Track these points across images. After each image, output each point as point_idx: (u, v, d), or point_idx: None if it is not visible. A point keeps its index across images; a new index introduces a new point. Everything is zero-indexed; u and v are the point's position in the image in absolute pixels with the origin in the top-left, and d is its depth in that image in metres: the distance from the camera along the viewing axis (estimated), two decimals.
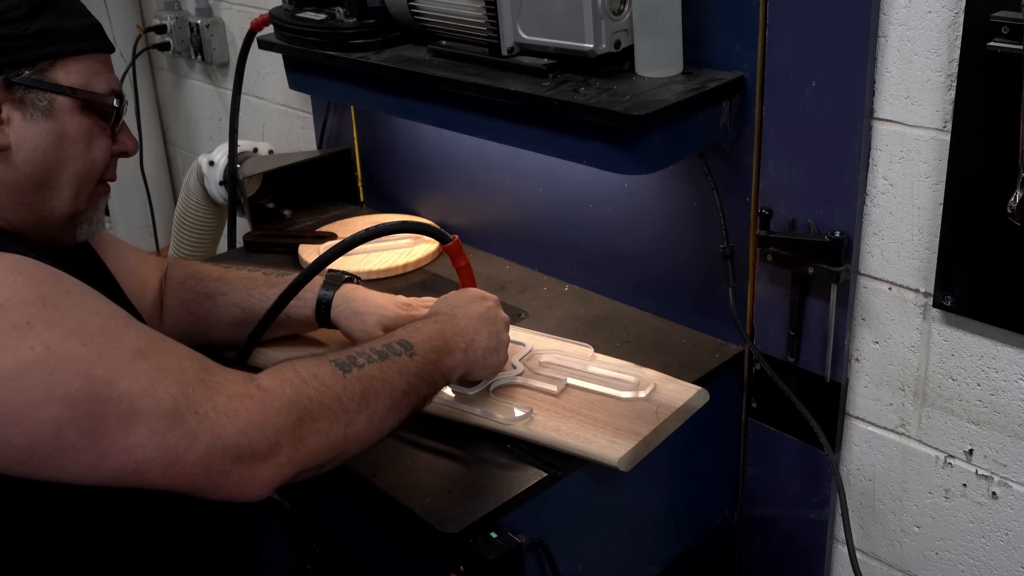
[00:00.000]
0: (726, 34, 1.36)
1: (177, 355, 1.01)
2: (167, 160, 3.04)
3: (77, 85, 1.11)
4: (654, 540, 1.48)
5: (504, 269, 1.82)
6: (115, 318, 1.00)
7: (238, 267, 1.49)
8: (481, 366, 1.27)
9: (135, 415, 0.94)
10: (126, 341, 0.97)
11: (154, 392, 0.95)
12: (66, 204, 1.14)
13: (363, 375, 1.09)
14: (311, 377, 1.05)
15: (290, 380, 1.04)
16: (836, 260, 1.33)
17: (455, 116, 1.50)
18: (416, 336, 1.19)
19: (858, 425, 1.44)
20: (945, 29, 1.18)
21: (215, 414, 0.97)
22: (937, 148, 1.23)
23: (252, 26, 1.87)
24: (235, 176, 2.07)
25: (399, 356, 1.14)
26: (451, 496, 1.21)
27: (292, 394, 1.02)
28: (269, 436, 0.99)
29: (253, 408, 0.99)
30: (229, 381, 1.01)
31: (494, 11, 1.37)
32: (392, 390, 1.11)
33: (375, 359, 1.12)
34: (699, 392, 1.37)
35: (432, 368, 1.18)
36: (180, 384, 0.97)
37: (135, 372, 0.95)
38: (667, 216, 1.55)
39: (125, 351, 0.96)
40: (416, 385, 1.15)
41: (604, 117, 1.26)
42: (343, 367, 1.09)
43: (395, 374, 1.12)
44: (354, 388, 1.08)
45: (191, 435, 0.95)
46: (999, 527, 1.34)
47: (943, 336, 1.31)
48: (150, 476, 0.95)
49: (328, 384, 1.06)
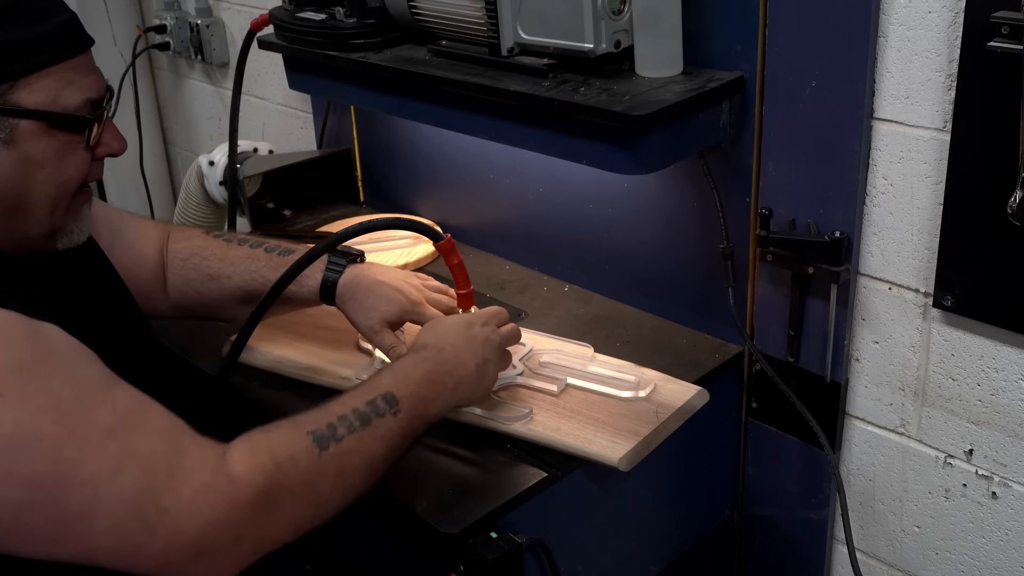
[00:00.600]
0: (726, 34, 1.36)
1: (150, 432, 0.96)
2: (167, 160, 3.04)
3: (42, 105, 1.02)
4: (654, 540, 1.48)
5: (504, 269, 1.82)
6: (93, 388, 0.95)
7: (239, 241, 1.45)
8: (468, 400, 1.23)
9: (96, 503, 0.90)
10: (99, 417, 0.93)
11: (118, 479, 0.91)
12: (42, 225, 1.08)
13: (341, 452, 1.04)
14: (286, 460, 1.00)
15: (263, 466, 0.99)
16: (836, 260, 1.33)
17: (455, 116, 1.50)
18: (404, 388, 1.14)
19: (858, 425, 1.44)
20: (945, 29, 1.18)
21: (177, 510, 0.93)
22: (937, 148, 1.23)
23: (252, 26, 1.87)
24: (235, 176, 2.07)
25: (383, 417, 1.09)
26: (451, 496, 1.21)
27: (263, 483, 0.98)
28: (232, 531, 0.95)
29: (219, 503, 0.95)
30: (200, 467, 0.96)
31: (494, 11, 1.37)
32: (372, 459, 1.07)
33: (357, 427, 1.07)
34: (699, 392, 1.37)
35: (417, 422, 1.14)
36: (146, 473, 0.93)
37: (102, 455, 0.91)
38: (667, 216, 1.55)
39: (96, 430, 0.92)
40: (398, 445, 1.11)
41: (604, 117, 1.26)
42: (321, 443, 1.03)
43: (376, 441, 1.08)
44: (329, 469, 1.03)
45: (150, 530, 0.92)
46: (999, 527, 1.34)
47: (943, 336, 1.31)
48: (105, 562, 0.93)
49: (303, 469, 1.01)
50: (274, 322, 1.56)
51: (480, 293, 1.66)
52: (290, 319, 1.57)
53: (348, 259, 1.39)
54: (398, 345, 1.35)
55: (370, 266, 1.41)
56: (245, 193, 2.06)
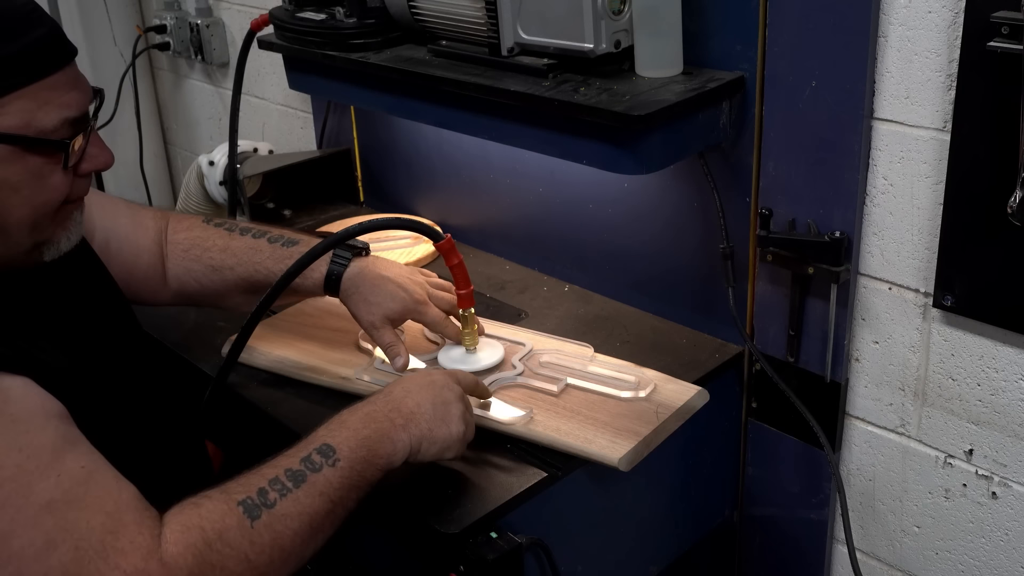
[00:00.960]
0: (726, 34, 1.36)
1: (90, 508, 0.92)
2: (167, 160, 3.04)
3: (14, 129, 0.97)
4: (654, 540, 1.48)
5: (504, 269, 1.82)
6: (39, 455, 0.92)
7: (241, 231, 1.43)
8: (429, 440, 1.14)
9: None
10: (39, 489, 0.90)
11: (47, 557, 0.88)
12: (24, 244, 1.05)
13: (273, 518, 1.00)
14: (216, 538, 0.96)
15: (194, 545, 0.95)
16: (836, 260, 1.33)
17: (455, 116, 1.50)
18: (339, 434, 1.09)
19: (858, 425, 1.44)
20: (945, 29, 1.18)
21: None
22: (937, 148, 1.23)
23: (252, 26, 1.87)
24: (235, 176, 2.07)
25: (319, 472, 1.04)
26: (451, 496, 1.21)
27: (194, 564, 0.94)
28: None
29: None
30: (134, 551, 0.92)
31: (494, 11, 1.37)
32: (312, 519, 1.02)
33: (289, 488, 1.02)
34: (699, 392, 1.37)
35: (363, 467, 1.08)
36: (78, 552, 0.90)
37: (33, 531, 0.88)
38: (667, 216, 1.55)
39: (33, 503, 0.89)
40: (343, 497, 1.06)
41: (604, 117, 1.26)
42: (251, 512, 0.99)
43: (315, 498, 1.03)
44: (263, 539, 0.99)
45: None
46: (999, 527, 1.34)
47: (943, 336, 1.31)
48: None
49: (234, 544, 0.97)
50: (274, 322, 1.56)
51: (480, 293, 1.67)
52: (290, 319, 1.57)
53: (354, 252, 1.38)
54: (397, 343, 1.35)
55: (375, 260, 1.40)
56: (245, 193, 2.06)
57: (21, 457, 0.90)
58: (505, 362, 1.42)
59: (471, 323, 1.39)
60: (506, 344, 1.46)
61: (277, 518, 1.00)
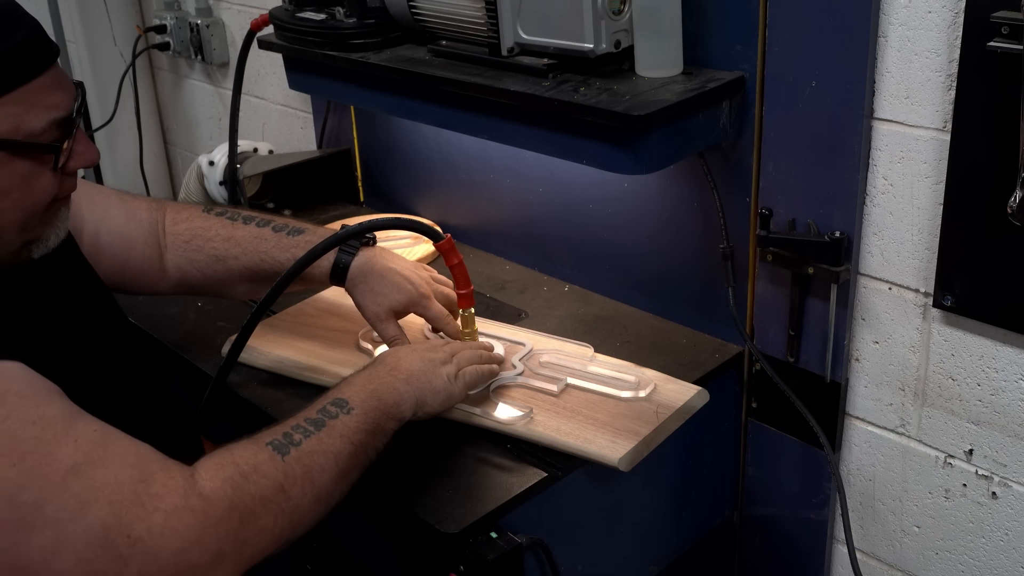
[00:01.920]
0: (726, 34, 1.36)
1: (116, 464, 0.94)
2: (167, 160, 3.04)
3: (4, 135, 0.97)
4: (654, 540, 1.48)
5: (504, 269, 1.82)
6: (53, 425, 0.93)
7: (244, 219, 1.43)
8: (432, 391, 1.22)
9: (60, 543, 0.88)
10: (61, 456, 0.91)
11: (83, 517, 0.89)
12: (14, 244, 1.06)
13: (302, 454, 1.05)
14: (251, 471, 1.00)
15: (231, 478, 0.98)
16: (836, 260, 1.33)
17: (455, 116, 1.50)
18: (348, 390, 1.16)
19: (858, 425, 1.44)
20: (945, 29, 1.18)
21: (150, 536, 0.91)
22: (937, 148, 1.23)
23: (252, 26, 1.87)
24: (235, 176, 2.07)
25: (336, 419, 1.10)
26: (451, 496, 1.21)
27: (233, 495, 0.97)
28: (211, 548, 0.94)
29: (193, 523, 0.93)
30: (169, 492, 0.94)
31: (494, 11, 1.37)
32: (337, 458, 1.07)
33: (311, 431, 1.07)
34: (699, 392, 1.37)
35: (376, 415, 1.14)
36: (113, 505, 0.91)
37: (65, 495, 0.90)
38: (667, 216, 1.55)
39: (58, 469, 0.90)
40: (363, 441, 1.11)
41: (604, 117, 1.26)
42: (281, 450, 1.04)
43: (335, 439, 1.08)
44: (295, 472, 1.03)
45: (122, 561, 0.90)
46: (999, 527, 1.34)
47: (943, 336, 1.31)
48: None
49: (269, 475, 1.01)
50: (274, 322, 1.56)
51: (480, 293, 1.67)
52: (290, 319, 1.57)
53: (362, 242, 1.38)
54: (401, 337, 1.36)
55: (382, 251, 1.40)
56: (245, 193, 2.06)
57: (36, 429, 0.91)
58: (505, 362, 1.42)
59: (471, 323, 1.39)
60: (506, 344, 1.46)
61: (305, 454, 1.05)
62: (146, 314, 1.67)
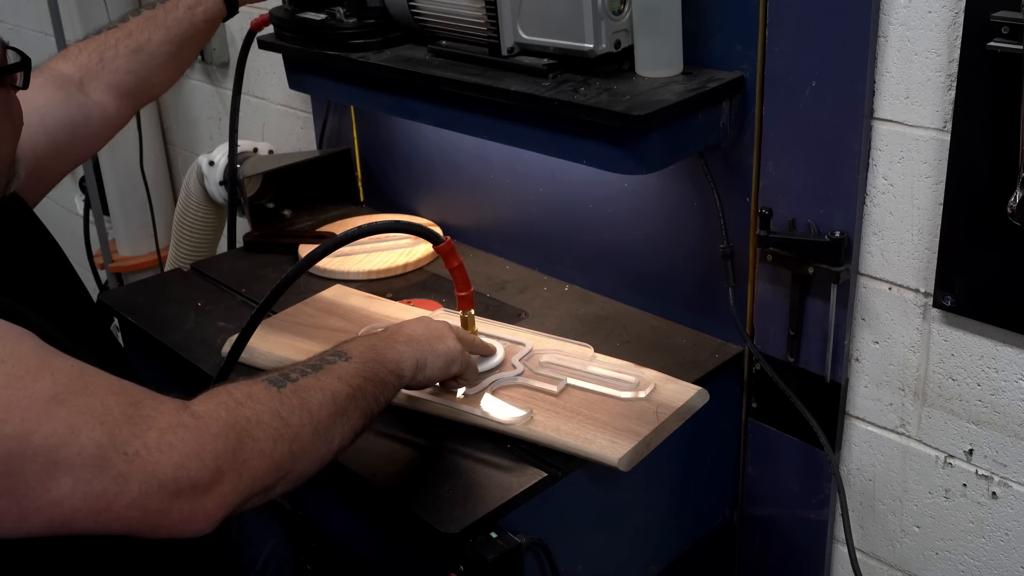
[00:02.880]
0: (726, 34, 1.36)
1: (100, 392, 0.93)
2: (167, 160, 3.04)
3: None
4: (654, 540, 1.48)
5: (504, 269, 1.82)
6: (25, 361, 0.91)
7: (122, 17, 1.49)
8: (432, 354, 1.23)
9: (55, 467, 0.87)
10: (38, 388, 0.89)
11: (75, 440, 0.88)
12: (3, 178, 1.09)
13: (299, 387, 1.05)
14: (245, 397, 1.00)
15: (224, 403, 0.98)
16: (836, 260, 1.33)
17: (455, 116, 1.50)
18: (346, 345, 1.16)
19: (858, 425, 1.44)
20: (945, 29, 1.18)
21: (147, 451, 0.90)
22: (937, 148, 1.23)
23: (252, 26, 1.87)
24: (235, 176, 2.07)
25: (334, 364, 1.10)
26: (451, 496, 1.21)
27: (228, 416, 0.97)
28: (208, 464, 0.93)
29: (188, 438, 0.93)
30: (160, 413, 0.94)
31: (494, 11, 1.37)
32: (335, 396, 1.06)
33: (308, 371, 1.08)
34: (699, 392, 1.37)
35: (375, 366, 1.14)
36: (104, 426, 0.90)
37: (51, 422, 0.88)
38: (667, 216, 1.55)
39: (38, 400, 0.89)
40: (361, 386, 1.10)
41: (604, 117, 1.26)
42: (276, 383, 1.04)
43: (333, 380, 1.08)
44: (292, 401, 1.03)
45: (121, 478, 0.89)
46: (999, 527, 1.34)
47: (943, 336, 1.31)
48: (80, 525, 0.90)
49: (264, 401, 1.01)
50: (274, 322, 1.56)
51: (480, 293, 1.67)
52: (290, 319, 1.57)
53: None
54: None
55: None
56: (245, 193, 2.06)
57: (6, 367, 0.89)
58: (505, 362, 1.42)
59: (471, 325, 1.39)
60: (506, 344, 1.46)
61: (301, 387, 1.05)
62: (146, 314, 1.67)
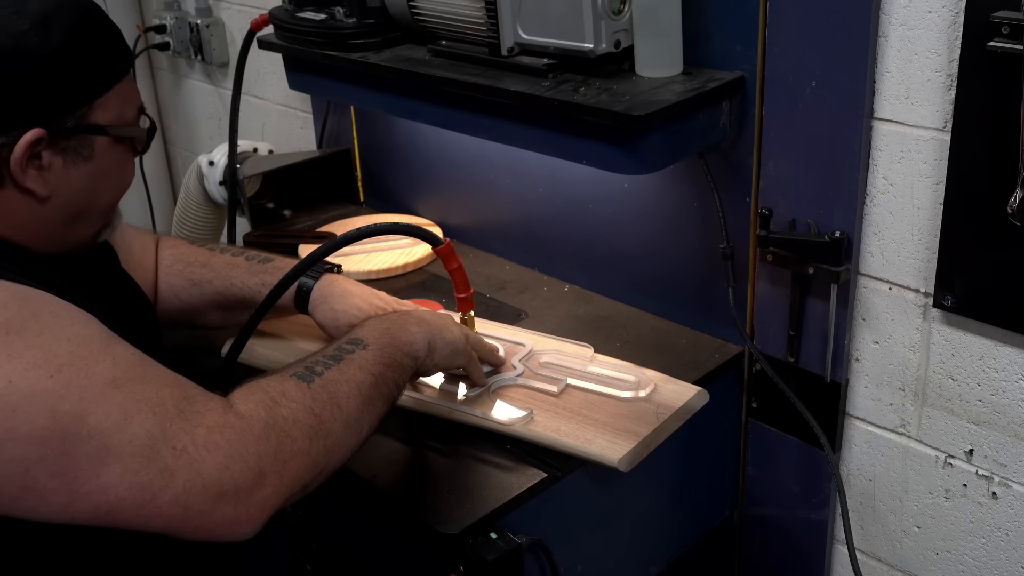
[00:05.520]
0: (726, 34, 1.36)
1: (156, 383, 0.96)
2: (167, 160, 3.04)
3: (113, 121, 1.07)
4: (654, 540, 1.48)
5: (504, 269, 1.82)
6: (89, 343, 0.94)
7: (221, 249, 1.49)
8: (441, 339, 1.25)
9: (106, 452, 0.89)
10: (99, 370, 0.92)
11: (127, 427, 0.90)
12: (96, 226, 1.14)
13: (326, 382, 1.07)
14: (280, 396, 1.02)
15: (263, 402, 1.01)
16: (836, 260, 1.33)
17: (455, 116, 1.50)
18: (361, 331, 1.19)
19: (858, 425, 1.44)
20: (945, 29, 1.18)
21: (194, 448, 0.92)
22: (937, 148, 1.23)
23: (252, 26, 1.87)
24: (235, 176, 2.07)
25: (353, 353, 1.13)
26: (451, 496, 1.21)
27: (267, 416, 0.99)
28: (252, 467, 0.95)
29: (233, 439, 0.95)
30: (209, 411, 0.96)
31: (494, 11, 1.37)
32: (360, 387, 1.09)
33: (331, 363, 1.10)
34: (699, 392, 1.37)
35: (391, 350, 1.16)
36: (156, 417, 0.92)
37: (106, 405, 0.91)
38: (667, 216, 1.55)
39: (97, 382, 0.91)
40: (382, 373, 1.13)
41: (604, 117, 1.26)
42: (305, 379, 1.07)
43: (355, 370, 1.11)
44: (322, 397, 1.05)
45: (167, 472, 0.91)
46: (999, 527, 1.34)
47: (943, 336, 1.31)
48: (123, 517, 0.91)
49: (298, 399, 1.03)
50: (274, 323, 1.56)
51: (480, 293, 1.67)
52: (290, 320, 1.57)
53: (325, 268, 1.43)
54: None
55: (343, 278, 1.45)
56: (245, 193, 2.06)
57: (72, 346, 0.92)
58: (505, 363, 1.42)
59: (471, 326, 1.39)
60: (506, 344, 1.46)
61: (329, 381, 1.08)
62: None
